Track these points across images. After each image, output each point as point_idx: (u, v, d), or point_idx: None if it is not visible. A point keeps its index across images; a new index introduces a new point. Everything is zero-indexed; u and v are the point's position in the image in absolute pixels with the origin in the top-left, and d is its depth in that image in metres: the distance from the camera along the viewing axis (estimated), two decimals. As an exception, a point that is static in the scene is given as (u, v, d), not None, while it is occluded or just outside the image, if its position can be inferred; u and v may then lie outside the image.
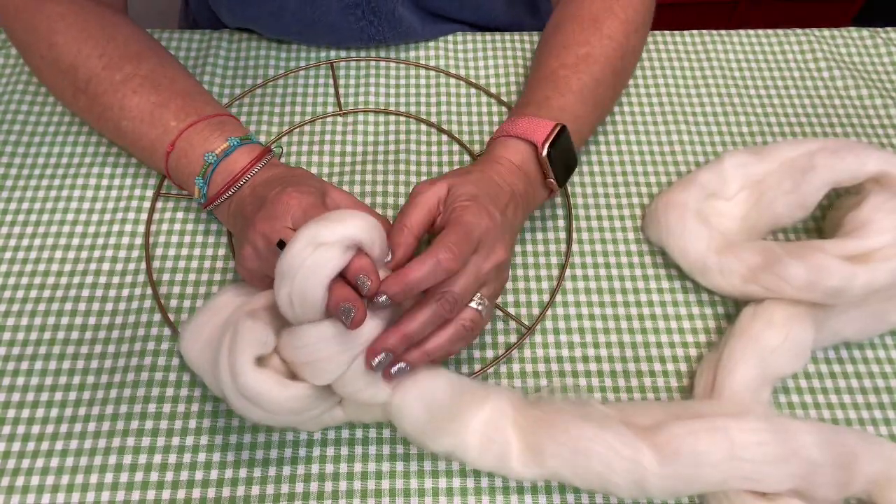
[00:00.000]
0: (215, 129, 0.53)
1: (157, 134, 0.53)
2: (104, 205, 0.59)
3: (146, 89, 0.54)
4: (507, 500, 0.47)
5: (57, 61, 0.56)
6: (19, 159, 0.61)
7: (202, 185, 0.52)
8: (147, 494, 0.46)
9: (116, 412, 0.49)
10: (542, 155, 0.51)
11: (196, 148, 0.52)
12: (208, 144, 0.52)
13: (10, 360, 0.51)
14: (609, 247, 0.58)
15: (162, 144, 0.53)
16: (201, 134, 0.53)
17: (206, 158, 0.51)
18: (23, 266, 0.55)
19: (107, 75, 0.54)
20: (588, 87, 0.56)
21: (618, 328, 0.54)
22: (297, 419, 0.44)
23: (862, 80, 0.69)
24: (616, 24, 0.59)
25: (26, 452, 0.48)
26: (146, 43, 0.58)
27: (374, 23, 0.66)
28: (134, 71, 0.55)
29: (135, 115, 0.54)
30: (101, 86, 0.54)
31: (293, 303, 0.41)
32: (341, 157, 0.63)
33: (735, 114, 0.67)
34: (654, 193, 0.61)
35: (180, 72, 0.57)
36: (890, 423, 0.51)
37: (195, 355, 0.47)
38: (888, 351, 0.54)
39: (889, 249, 0.49)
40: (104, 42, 0.55)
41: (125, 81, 0.54)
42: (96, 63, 0.55)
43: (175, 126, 0.53)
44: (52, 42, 0.55)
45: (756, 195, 0.56)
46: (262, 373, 0.41)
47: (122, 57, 0.55)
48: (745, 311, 0.52)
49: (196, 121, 0.53)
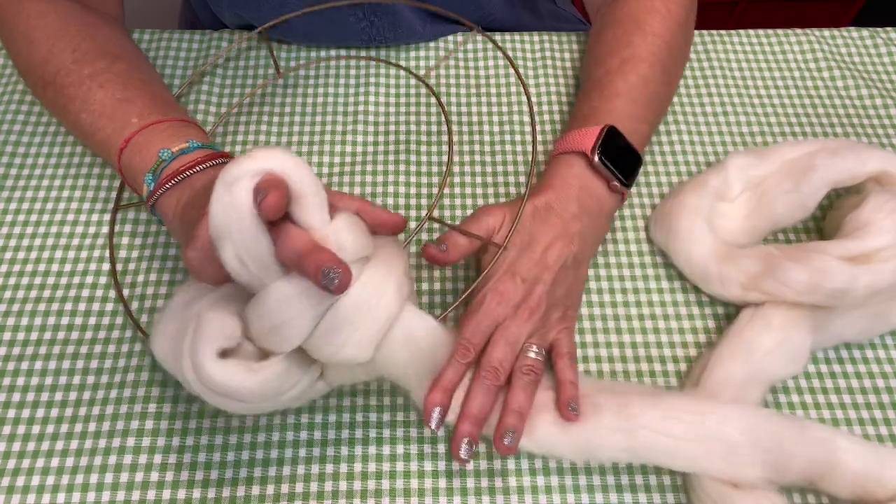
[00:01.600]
0: (178, 130, 0.50)
1: (115, 128, 0.51)
2: (104, 205, 0.59)
3: (114, 85, 0.52)
4: (507, 500, 0.47)
5: (31, 55, 0.55)
6: (19, 159, 0.61)
7: (150, 181, 0.48)
8: (147, 494, 0.46)
9: (116, 412, 0.49)
10: (594, 162, 0.51)
11: (153, 145, 0.49)
12: (167, 143, 0.49)
13: (10, 360, 0.51)
14: (609, 246, 0.58)
15: (118, 139, 0.50)
16: (162, 133, 0.50)
17: (161, 155, 0.48)
18: (23, 266, 0.55)
19: (76, 68, 0.53)
20: (636, 86, 0.56)
21: (618, 328, 0.54)
22: (276, 402, 0.41)
23: (862, 80, 0.69)
24: (659, 20, 0.58)
25: (26, 452, 0.48)
26: (126, 47, 0.58)
27: (375, 23, 0.66)
28: (106, 67, 0.53)
29: (95, 109, 0.52)
30: (69, 77, 0.53)
31: (243, 260, 0.37)
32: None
33: (735, 114, 0.67)
34: (654, 194, 0.61)
35: (154, 77, 0.56)
36: (890, 423, 0.51)
37: (165, 354, 0.44)
38: (888, 351, 0.54)
39: (890, 250, 0.49)
40: (80, 39, 0.55)
41: (93, 76, 0.53)
42: (68, 57, 0.54)
43: (136, 122, 0.50)
44: (29, 38, 0.55)
45: (757, 196, 0.56)
46: (225, 363, 0.39)
47: (97, 54, 0.54)
48: (744, 312, 0.52)
49: (160, 120, 0.51)
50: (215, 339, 0.39)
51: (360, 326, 0.39)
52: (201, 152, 0.49)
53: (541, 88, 0.67)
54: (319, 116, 0.65)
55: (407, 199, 0.60)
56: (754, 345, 0.49)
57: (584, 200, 0.52)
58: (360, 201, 0.43)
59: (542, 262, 0.50)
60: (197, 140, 0.49)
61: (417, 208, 0.60)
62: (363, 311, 0.39)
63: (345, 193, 0.44)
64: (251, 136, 0.63)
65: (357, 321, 0.39)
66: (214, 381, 0.38)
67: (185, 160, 0.48)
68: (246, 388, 0.39)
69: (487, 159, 0.63)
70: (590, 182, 0.53)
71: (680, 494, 0.47)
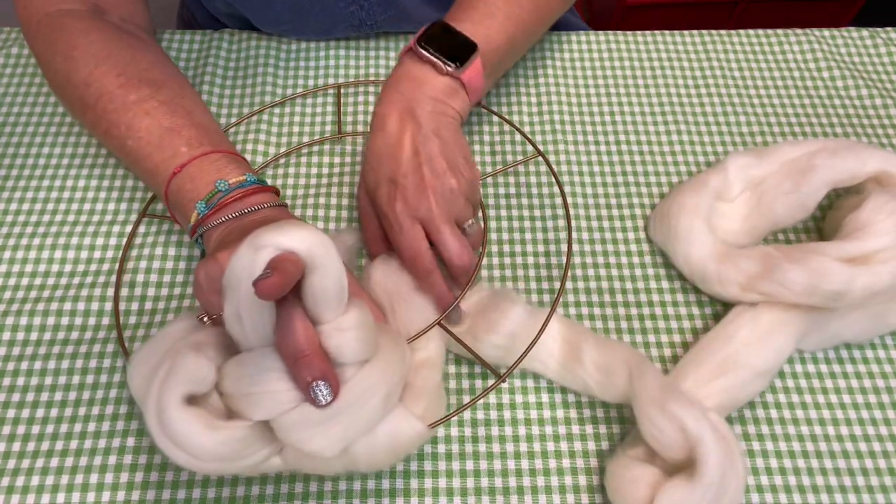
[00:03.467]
0: (231, 162, 0.50)
1: (165, 157, 0.50)
2: (104, 206, 0.59)
3: (160, 113, 0.52)
4: (507, 500, 0.47)
5: (71, 75, 0.54)
6: (20, 160, 0.61)
7: (203, 209, 0.48)
8: (147, 494, 0.46)
9: (116, 412, 0.49)
10: (416, 48, 0.52)
11: (207, 174, 0.49)
12: (222, 174, 0.49)
13: (10, 360, 0.51)
14: (609, 246, 0.58)
15: (168, 167, 0.50)
16: (215, 164, 0.50)
17: (217, 185, 0.48)
18: (23, 266, 0.55)
19: (121, 94, 0.52)
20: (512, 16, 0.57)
21: (617, 328, 0.54)
22: (226, 467, 0.39)
23: (862, 80, 0.69)
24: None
25: (26, 452, 0.48)
26: (168, 71, 0.57)
27: (365, 6, 0.65)
28: (151, 95, 0.53)
29: (142, 136, 0.51)
30: (113, 103, 0.52)
31: (241, 317, 0.37)
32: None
33: (735, 114, 0.67)
34: (654, 193, 0.61)
35: (199, 105, 0.55)
36: (890, 423, 0.51)
37: (138, 383, 0.41)
38: (888, 351, 0.54)
39: (889, 251, 0.49)
40: (125, 63, 0.54)
41: (139, 102, 0.52)
42: (112, 81, 0.53)
43: (186, 152, 0.50)
44: (69, 56, 0.54)
45: (757, 196, 0.56)
46: (189, 411, 0.37)
47: (142, 80, 0.53)
48: (736, 308, 0.52)
49: (210, 151, 0.51)
50: (186, 382, 0.38)
51: (337, 425, 0.38)
52: (256, 189, 0.49)
53: (540, 88, 0.67)
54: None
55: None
56: (735, 336, 0.49)
57: (410, 88, 0.52)
58: None
59: (410, 161, 0.50)
60: (253, 174, 0.50)
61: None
62: (344, 412, 0.38)
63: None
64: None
65: (335, 419, 0.38)
66: (172, 427, 0.37)
67: (239, 194, 0.48)
68: (202, 445, 0.37)
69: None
70: (419, 73, 0.53)
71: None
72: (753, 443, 0.50)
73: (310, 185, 0.61)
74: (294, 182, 0.61)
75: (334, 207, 0.59)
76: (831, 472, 0.49)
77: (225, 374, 0.39)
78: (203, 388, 0.39)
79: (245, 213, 0.47)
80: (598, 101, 0.67)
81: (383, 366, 0.40)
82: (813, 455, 0.49)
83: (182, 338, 0.41)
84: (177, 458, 0.37)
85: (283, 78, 0.67)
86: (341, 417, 0.38)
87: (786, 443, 0.50)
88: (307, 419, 0.37)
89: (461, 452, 0.49)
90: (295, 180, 0.61)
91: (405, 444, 0.41)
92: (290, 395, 0.37)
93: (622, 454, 0.47)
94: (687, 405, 0.44)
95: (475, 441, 0.49)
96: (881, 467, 0.49)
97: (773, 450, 0.49)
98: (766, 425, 0.50)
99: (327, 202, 0.60)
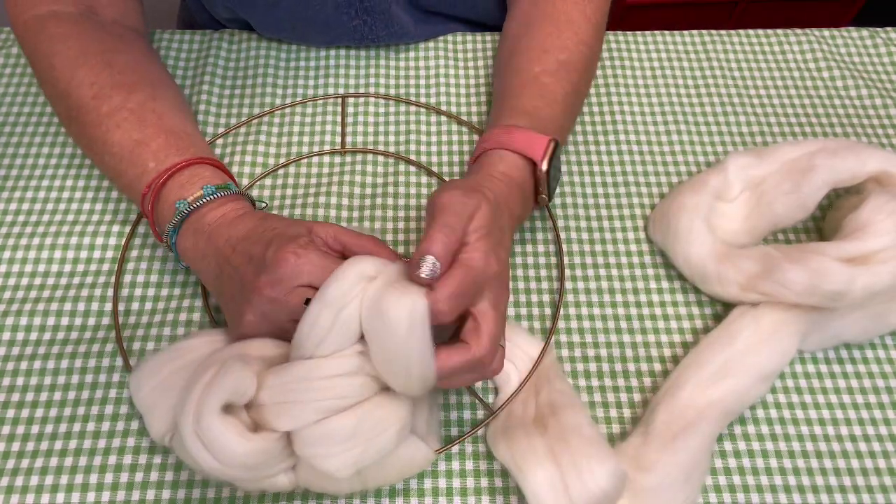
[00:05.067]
0: (194, 174, 0.50)
1: (136, 174, 0.51)
2: (104, 206, 0.59)
3: (130, 124, 0.52)
4: (507, 501, 0.47)
5: (54, 84, 0.54)
6: (20, 160, 0.61)
7: (172, 233, 0.49)
8: (147, 494, 0.46)
9: (116, 412, 0.49)
10: (541, 172, 0.51)
11: (172, 194, 0.50)
12: (184, 191, 0.50)
13: (10, 360, 0.51)
14: (609, 247, 0.58)
15: (140, 184, 0.51)
16: (178, 180, 0.50)
17: (178, 206, 0.49)
18: (22, 266, 0.55)
19: (94, 106, 0.52)
20: (569, 96, 0.56)
21: (617, 328, 0.54)
22: (246, 475, 0.41)
23: (862, 80, 0.69)
24: (588, 28, 0.58)
25: (26, 452, 0.48)
26: (144, 71, 0.56)
27: (368, 22, 0.65)
28: (122, 103, 0.52)
29: (115, 151, 0.52)
30: (89, 116, 0.53)
31: (334, 327, 0.39)
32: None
33: (735, 114, 0.67)
34: (654, 194, 0.61)
35: (171, 106, 0.55)
36: (890, 423, 0.51)
37: (145, 393, 0.44)
38: (888, 351, 0.54)
39: (889, 251, 0.49)
40: (99, 69, 0.53)
41: (111, 114, 0.52)
42: (87, 92, 0.53)
43: (154, 167, 0.50)
44: (50, 63, 0.54)
45: (757, 196, 0.56)
46: (226, 419, 0.39)
47: (114, 86, 0.53)
48: (737, 309, 0.52)
49: (177, 163, 0.50)
50: (229, 391, 0.39)
51: (354, 448, 0.39)
52: (219, 201, 0.49)
53: (541, 88, 0.67)
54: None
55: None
56: (737, 338, 0.49)
57: (516, 207, 0.50)
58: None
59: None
60: (211, 183, 0.50)
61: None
62: (363, 435, 0.40)
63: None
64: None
65: (353, 441, 0.39)
66: (209, 432, 0.38)
67: (197, 214, 0.49)
68: (234, 452, 0.38)
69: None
70: (529, 190, 0.52)
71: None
72: (753, 443, 0.50)
73: (308, 193, 0.61)
74: (293, 192, 0.61)
75: (333, 219, 0.59)
76: (831, 472, 0.49)
77: (264, 384, 0.40)
78: (241, 401, 0.40)
79: (185, 215, 0.49)
80: (598, 100, 0.67)
81: (402, 399, 0.42)
82: (813, 455, 0.49)
83: (209, 352, 0.43)
84: (203, 460, 0.39)
85: (284, 79, 0.67)
86: (359, 440, 0.40)
87: (786, 443, 0.50)
88: (329, 436, 0.39)
89: (461, 452, 0.49)
90: (294, 190, 0.61)
91: (415, 469, 0.44)
92: (318, 405, 0.39)
93: None
94: None
95: (475, 441, 0.49)
96: (881, 467, 0.49)
97: (773, 450, 0.49)
98: (766, 425, 0.50)
99: (326, 214, 0.60)
